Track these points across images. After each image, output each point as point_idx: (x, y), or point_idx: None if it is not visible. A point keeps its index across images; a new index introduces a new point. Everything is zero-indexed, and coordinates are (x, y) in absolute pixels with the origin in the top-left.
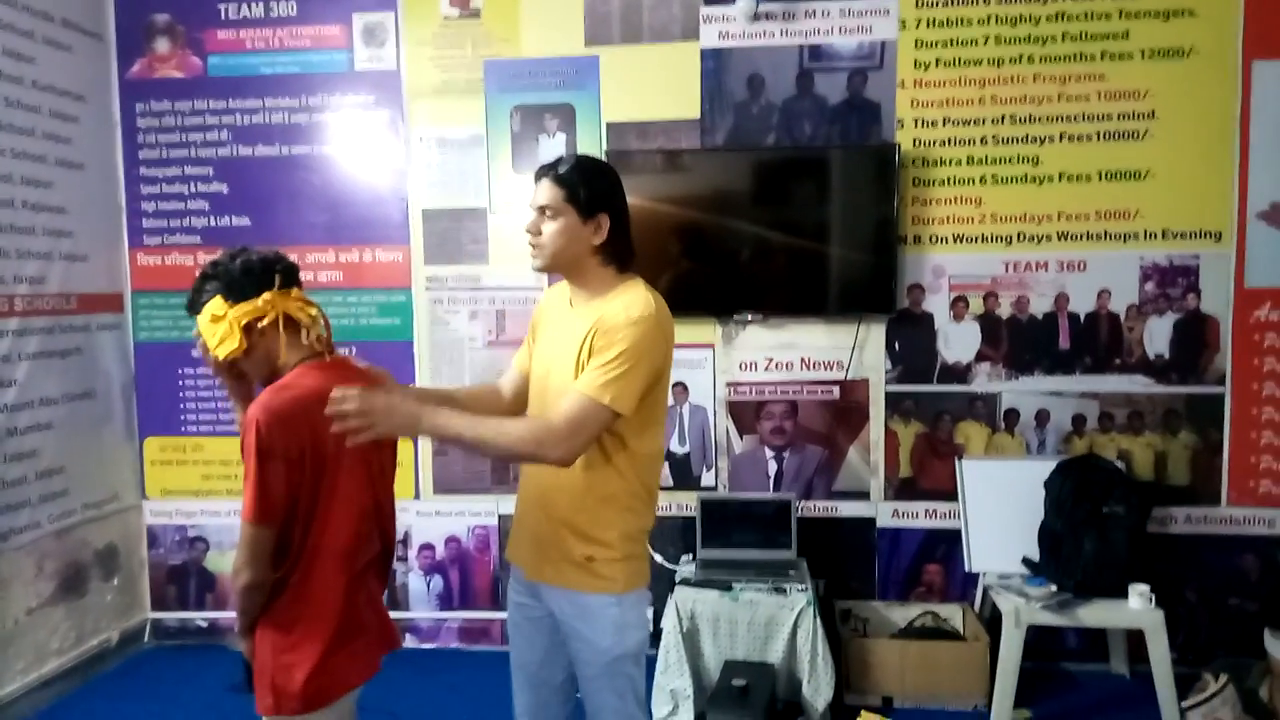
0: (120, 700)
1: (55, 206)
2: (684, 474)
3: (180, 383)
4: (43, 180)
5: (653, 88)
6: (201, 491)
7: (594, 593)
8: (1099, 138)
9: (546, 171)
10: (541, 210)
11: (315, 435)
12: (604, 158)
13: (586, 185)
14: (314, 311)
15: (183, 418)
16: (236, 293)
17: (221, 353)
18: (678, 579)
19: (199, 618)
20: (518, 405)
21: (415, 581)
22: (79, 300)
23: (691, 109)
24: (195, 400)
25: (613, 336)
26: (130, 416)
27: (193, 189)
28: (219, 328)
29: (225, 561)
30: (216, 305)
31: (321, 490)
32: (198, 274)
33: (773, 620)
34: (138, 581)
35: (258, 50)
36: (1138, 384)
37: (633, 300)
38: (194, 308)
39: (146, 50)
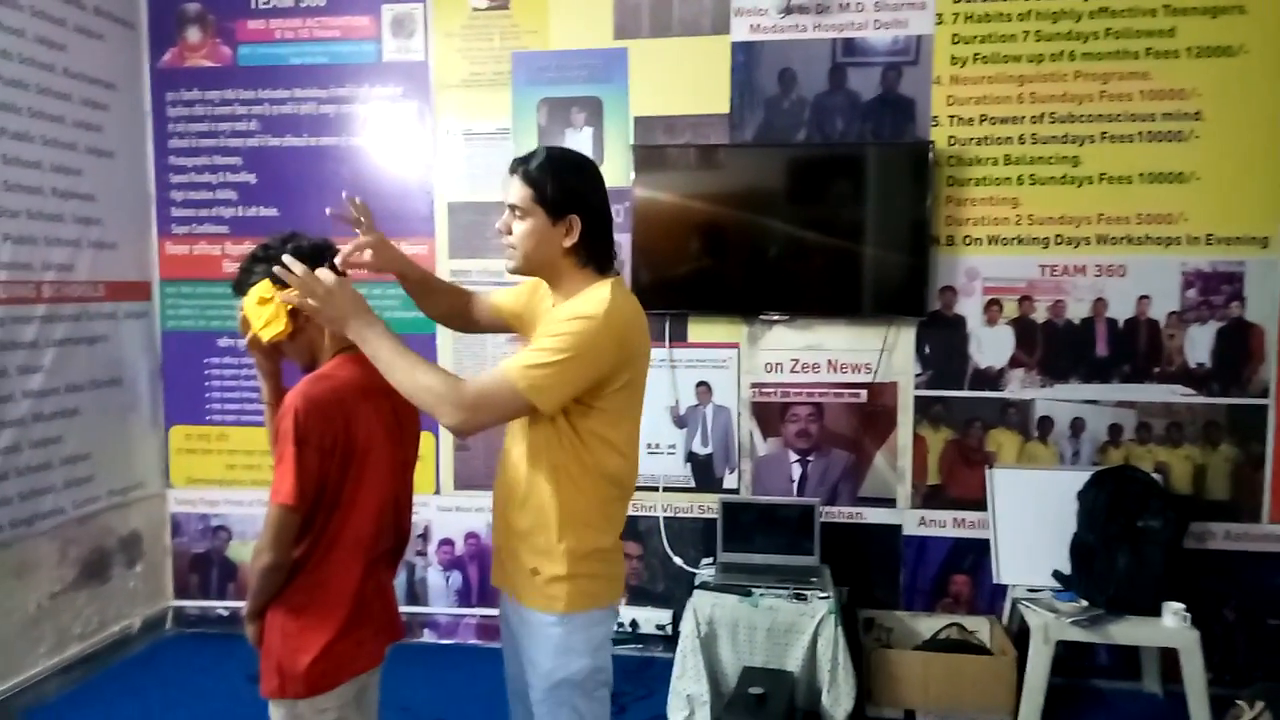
0: (141, 686)
1: (85, 194)
2: (706, 476)
3: (206, 372)
4: (73, 168)
5: (682, 82)
6: (225, 481)
7: (536, 609)
8: (1141, 138)
9: (517, 167)
10: (513, 209)
11: (348, 426)
12: (631, 152)
13: (556, 184)
14: None
15: (208, 407)
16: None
17: (266, 335)
18: (696, 582)
19: (220, 606)
20: (462, 321)
21: (434, 577)
22: (107, 288)
23: (721, 104)
24: (221, 390)
25: (551, 328)
26: (156, 404)
27: (221, 179)
28: (266, 310)
29: (247, 551)
30: (264, 288)
31: (348, 479)
32: (247, 256)
33: (793, 627)
34: (161, 569)
35: (287, 40)
36: (1177, 394)
37: (588, 298)
38: (241, 289)
39: (178, 39)
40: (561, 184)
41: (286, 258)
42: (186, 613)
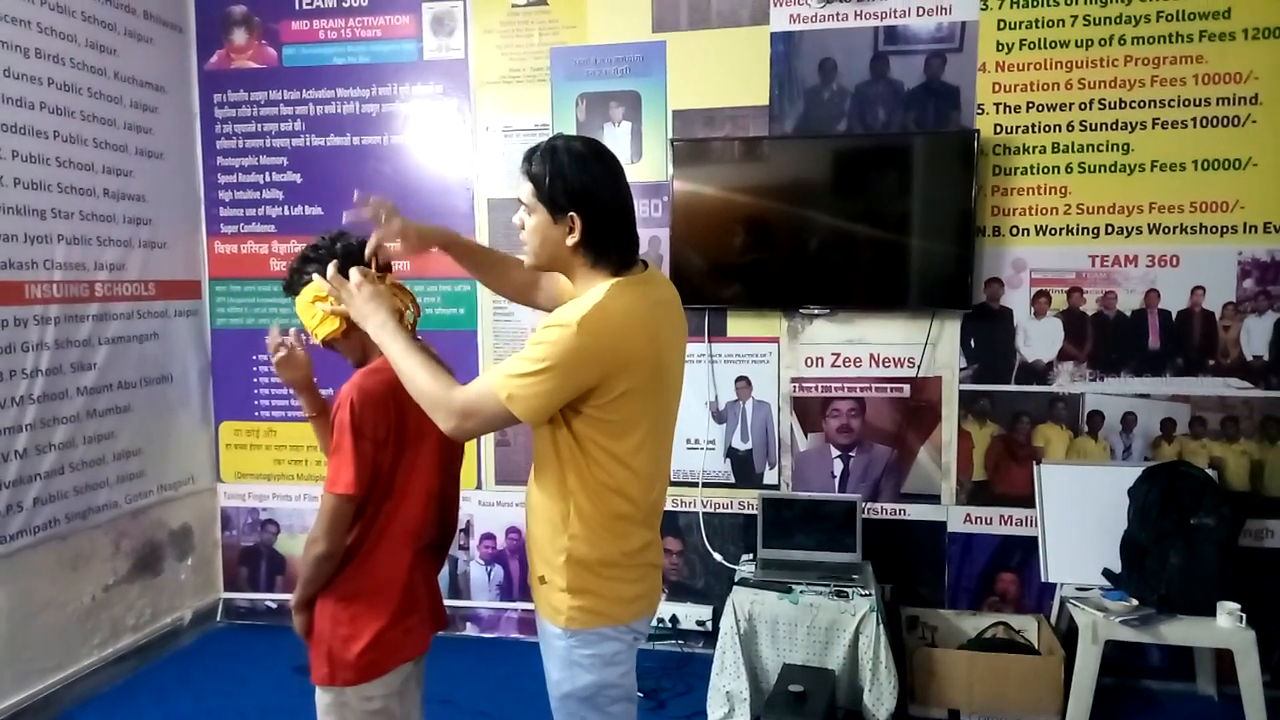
0: (192, 677)
1: (135, 195)
2: (746, 471)
3: (255, 369)
4: (123, 169)
5: (720, 74)
6: (274, 475)
7: (545, 618)
8: (1195, 124)
9: (524, 160)
10: (521, 204)
11: (400, 417)
12: (669, 146)
13: (556, 179)
14: (408, 299)
15: (256, 403)
16: None
17: (321, 332)
18: (736, 579)
19: (269, 599)
20: (523, 291)
21: (476, 571)
22: (157, 287)
23: (760, 95)
24: (269, 386)
25: (538, 334)
26: (206, 401)
27: (268, 178)
28: (319, 309)
29: (295, 545)
30: (318, 286)
31: (399, 470)
32: (297, 256)
33: (834, 625)
34: (211, 562)
35: (330, 41)
36: (1233, 387)
37: (577, 304)
38: (292, 289)
39: (224, 41)
40: (562, 179)
41: (330, 266)
42: (236, 605)
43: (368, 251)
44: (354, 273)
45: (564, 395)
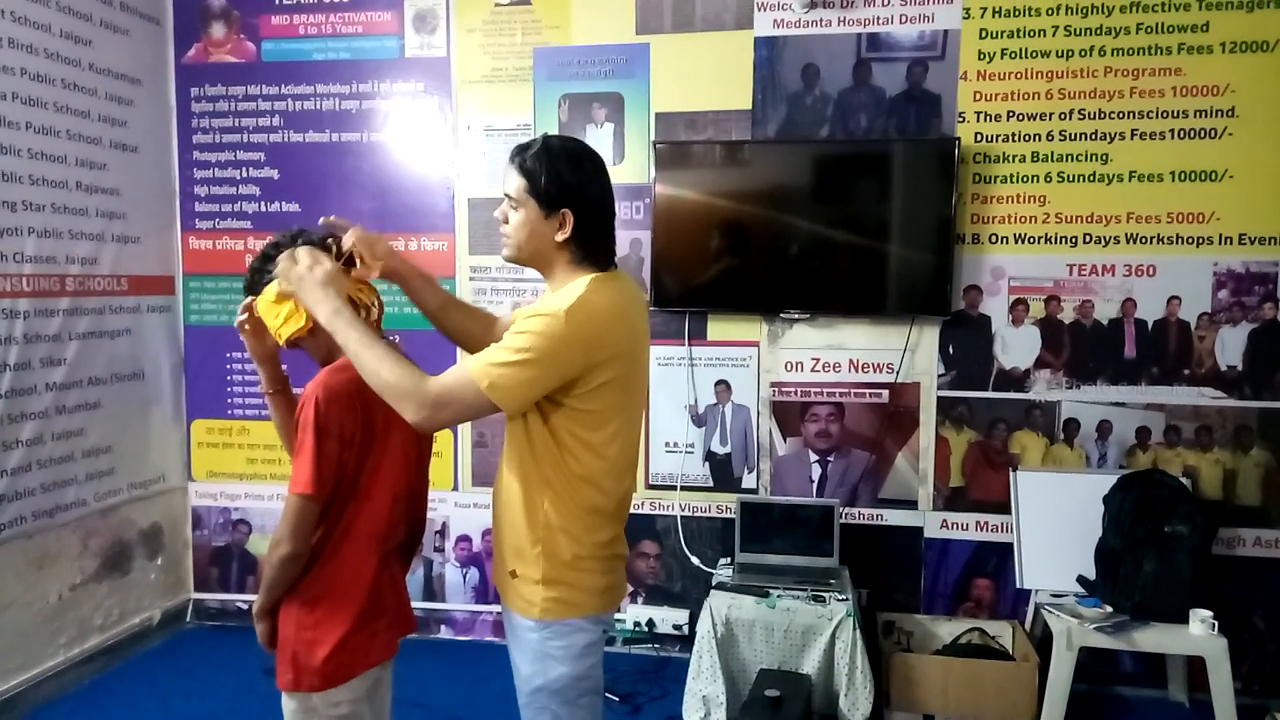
0: (160, 678)
1: (109, 189)
2: (724, 475)
3: (228, 366)
4: (97, 162)
5: (704, 77)
6: (246, 475)
7: (517, 611)
8: (1173, 135)
9: (514, 155)
10: (508, 198)
11: (367, 417)
12: (652, 149)
13: (550, 176)
14: (372, 295)
15: (229, 401)
16: None
17: (286, 332)
18: (714, 582)
19: (240, 600)
20: (475, 339)
21: (451, 573)
22: (130, 282)
23: (743, 100)
24: (243, 384)
25: (520, 325)
26: (179, 398)
27: (244, 174)
28: (283, 307)
29: (266, 545)
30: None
31: (364, 470)
32: (258, 254)
33: (810, 629)
34: (181, 562)
35: (310, 36)
36: (1207, 397)
37: (562, 294)
38: (254, 288)
39: (202, 35)
40: (556, 177)
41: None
42: (206, 605)
43: (343, 246)
44: (302, 253)
45: (545, 385)
